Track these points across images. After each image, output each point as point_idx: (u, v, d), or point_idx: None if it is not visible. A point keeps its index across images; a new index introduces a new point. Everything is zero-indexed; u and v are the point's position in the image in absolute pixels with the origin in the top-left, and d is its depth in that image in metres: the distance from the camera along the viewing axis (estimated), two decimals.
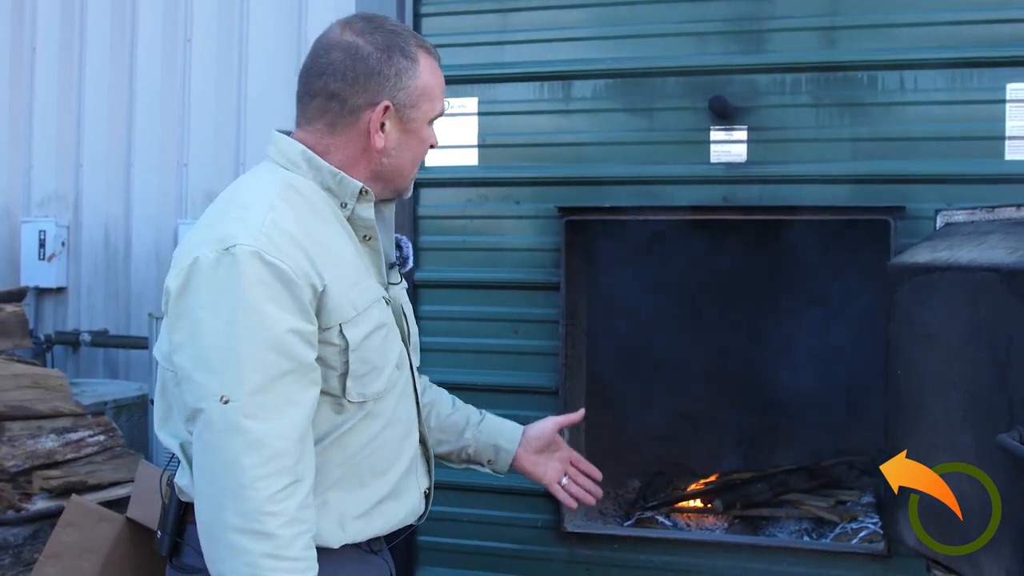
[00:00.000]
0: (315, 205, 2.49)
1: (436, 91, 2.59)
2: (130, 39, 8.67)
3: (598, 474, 3.14)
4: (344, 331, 2.40)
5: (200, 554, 2.39)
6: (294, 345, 2.30)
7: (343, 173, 2.51)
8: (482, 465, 3.07)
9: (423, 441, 2.76)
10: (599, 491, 3.15)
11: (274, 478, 2.25)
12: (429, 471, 2.80)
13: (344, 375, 2.43)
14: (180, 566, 2.56)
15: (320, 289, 2.35)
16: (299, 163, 2.53)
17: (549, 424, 3.10)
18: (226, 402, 2.24)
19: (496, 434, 3.04)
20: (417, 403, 2.72)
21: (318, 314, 2.36)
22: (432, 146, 2.64)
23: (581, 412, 3.23)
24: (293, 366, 2.30)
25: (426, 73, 2.56)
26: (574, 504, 3.12)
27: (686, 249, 4.37)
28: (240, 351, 2.25)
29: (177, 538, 2.58)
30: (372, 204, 2.55)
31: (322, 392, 2.41)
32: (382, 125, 2.53)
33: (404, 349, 2.66)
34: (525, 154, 4.10)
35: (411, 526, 2.74)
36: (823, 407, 4.78)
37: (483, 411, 3.09)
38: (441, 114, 2.62)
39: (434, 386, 3.09)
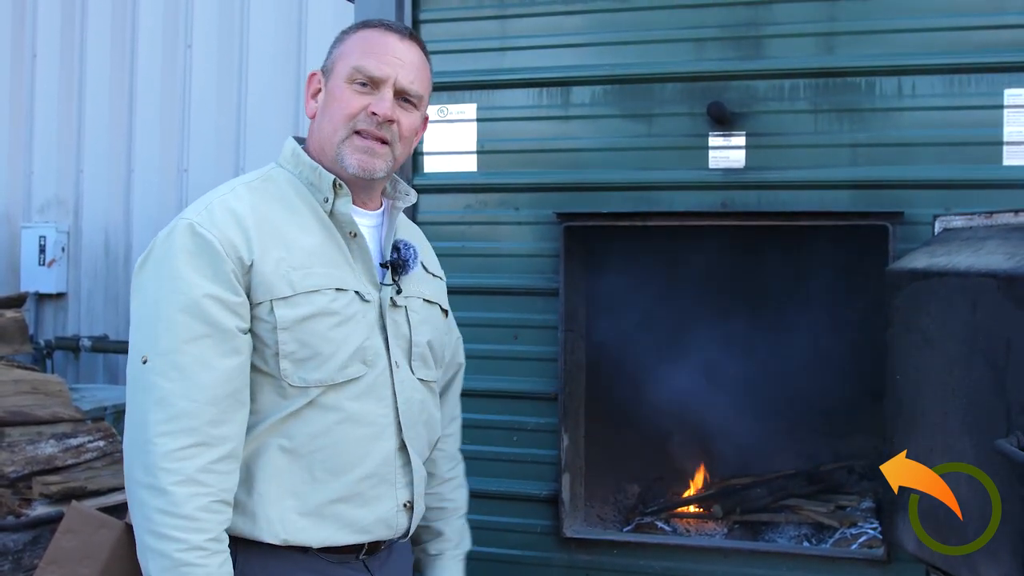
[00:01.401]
0: (285, 195, 2.60)
1: (355, 50, 2.62)
2: (130, 44, 8.70)
3: None
4: (275, 308, 2.46)
5: None
6: (210, 309, 2.40)
7: (320, 167, 2.60)
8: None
9: (405, 450, 2.68)
10: None
11: (174, 436, 2.35)
12: (411, 483, 2.70)
13: (277, 355, 2.48)
14: None
15: (248, 263, 2.44)
16: (288, 159, 2.69)
17: None
18: (144, 361, 2.40)
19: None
20: (397, 408, 2.66)
21: (248, 289, 2.45)
22: (375, 113, 2.58)
23: None
24: (208, 331, 2.40)
25: (352, 40, 2.65)
26: None
27: (684, 255, 4.37)
28: (159, 314, 2.41)
29: None
30: (349, 199, 2.61)
31: (261, 372, 2.49)
32: (318, 94, 2.67)
33: (381, 348, 2.63)
34: (524, 160, 4.10)
35: (391, 541, 2.71)
36: (822, 412, 4.78)
37: (444, 550, 3.07)
38: (358, 70, 2.59)
39: (452, 480, 3.11)
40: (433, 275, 2.92)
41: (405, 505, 2.69)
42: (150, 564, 2.38)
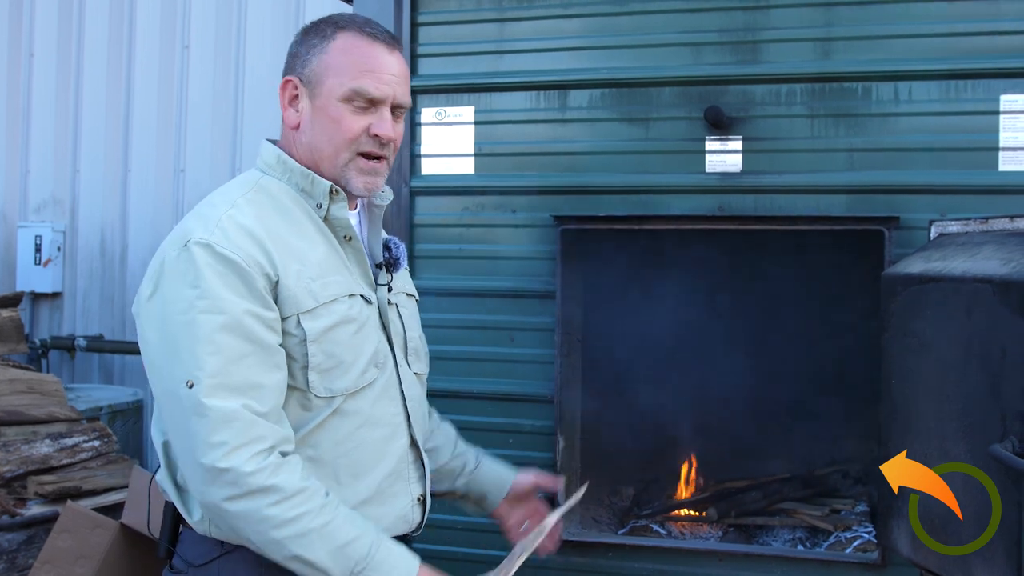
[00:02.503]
0: (282, 205, 2.57)
1: (345, 67, 2.57)
2: (127, 45, 8.68)
3: (553, 544, 3.23)
4: (302, 322, 2.45)
5: (190, 554, 2.54)
6: (252, 327, 2.37)
7: (313, 174, 2.58)
8: (467, 506, 3.18)
9: (415, 445, 2.73)
10: (550, 549, 3.23)
11: (248, 447, 2.32)
12: (423, 477, 2.76)
13: (306, 368, 2.46)
14: (172, 567, 2.61)
15: (275, 279, 2.42)
16: (274, 166, 2.64)
17: (530, 480, 3.18)
18: (191, 386, 2.32)
19: (487, 484, 3.13)
20: (405, 405, 2.69)
21: (276, 303, 2.43)
22: (377, 135, 2.58)
23: (562, 481, 3.29)
24: (252, 348, 2.37)
25: (336, 50, 2.58)
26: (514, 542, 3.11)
27: (681, 258, 4.38)
28: (199, 336, 2.33)
29: (171, 542, 2.63)
30: (345, 204, 2.61)
31: (289, 386, 2.47)
32: (295, 101, 2.63)
33: (387, 349, 2.66)
34: (521, 163, 4.11)
35: (405, 536, 2.74)
36: (817, 416, 4.79)
37: (479, 457, 3.15)
38: (357, 93, 2.56)
39: (444, 426, 3.14)
40: (406, 268, 2.92)
41: (419, 499, 2.74)
42: (296, 550, 2.35)
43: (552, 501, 3.39)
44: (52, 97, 8.95)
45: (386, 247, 2.74)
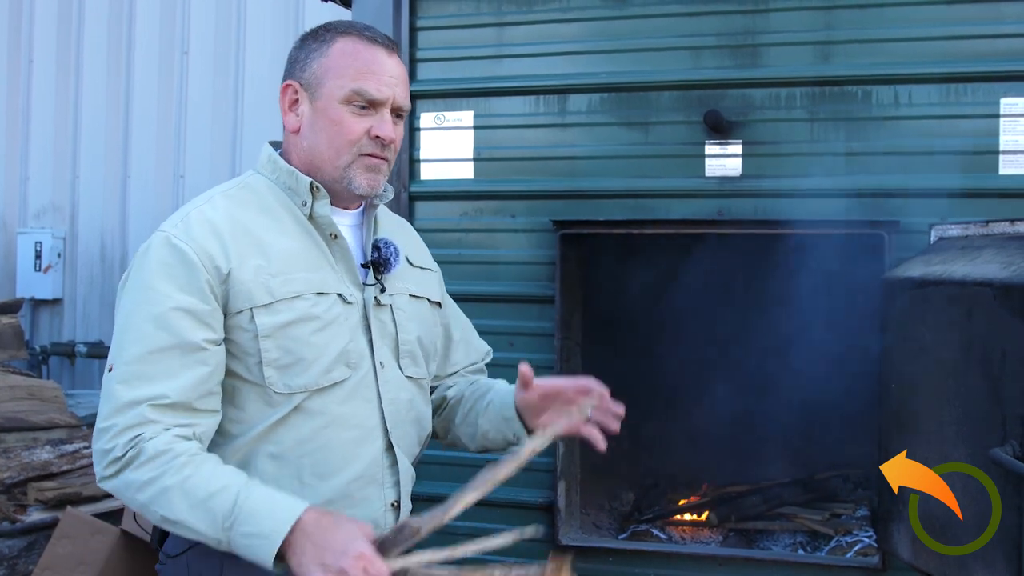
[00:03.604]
0: (264, 202, 2.59)
1: (345, 69, 2.58)
2: (127, 51, 8.69)
3: (616, 412, 2.91)
4: (255, 317, 2.45)
5: (168, 546, 2.58)
6: (179, 322, 2.39)
7: (297, 171, 2.60)
8: (511, 444, 2.85)
9: (392, 450, 2.67)
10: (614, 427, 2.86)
11: (132, 430, 2.34)
12: (399, 483, 2.70)
13: (260, 363, 2.47)
14: (163, 553, 2.63)
15: (225, 272, 2.44)
16: (265, 164, 2.68)
17: (568, 390, 2.83)
18: (110, 370, 2.39)
19: (499, 408, 2.87)
20: (382, 408, 2.64)
21: (226, 298, 2.45)
22: (378, 136, 2.57)
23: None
24: (175, 342, 2.39)
25: (336, 52, 2.60)
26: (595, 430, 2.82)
27: (680, 263, 4.38)
28: (129, 324, 2.41)
29: (163, 530, 2.64)
30: (327, 201, 2.60)
31: (246, 381, 2.48)
32: (295, 105, 2.64)
33: (364, 349, 2.62)
34: (520, 167, 4.10)
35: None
36: (818, 420, 4.78)
37: (497, 387, 2.93)
38: (358, 94, 2.56)
39: (477, 381, 3.01)
40: (420, 268, 2.90)
41: (392, 505, 2.68)
42: (159, 510, 2.33)
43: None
44: (51, 103, 8.96)
45: (375, 247, 2.71)
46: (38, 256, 8.77)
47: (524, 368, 2.74)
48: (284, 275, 2.50)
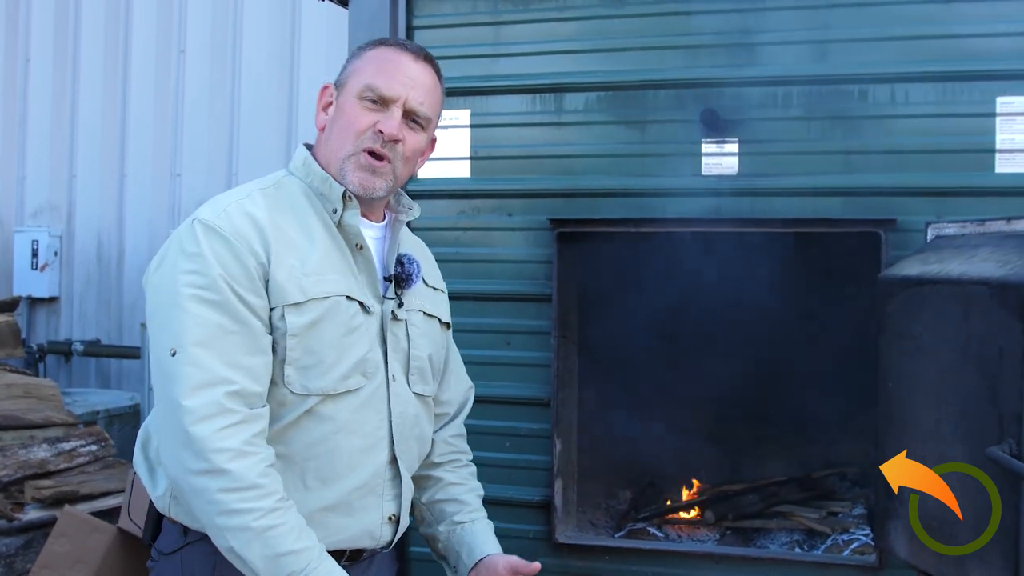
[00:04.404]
0: (297, 204, 2.61)
1: (367, 68, 2.63)
2: (123, 49, 8.69)
3: None
4: (286, 315, 2.47)
5: (162, 543, 2.61)
6: (239, 308, 2.42)
7: (332, 178, 2.61)
8: (447, 565, 2.96)
9: (395, 463, 2.68)
10: None
11: (216, 419, 2.35)
12: (399, 496, 2.70)
13: (283, 361, 2.48)
14: (156, 550, 2.66)
15: (267, 266, 2.46)
16: (299, 167, 2.69)
17: (501, 565, 2.84)
18: (173, 354, 2.38)
19: (464, 545, 2.91)
20: (391, 421, 2.65)
21: (265, 290, 2.46)
22: (382, 132, 2.58)
23: (536, 566, 2.87)
24: (238, 328, 2.42)
25: (367, 57, 2.67)
26: None
27: (677, 261, 4.38)
28: (182, 305, 2.41)
29: (156, 532, 2.67)
30: (357, 211, 2.62)
31: None
32: (329, 106, 2.68)
33: (380, 360, 2.63)
34: (517, 166, 4.10)
35: (372, 551, 2.71)
36: (814, 419, 4.79)
37: (476, 518, 2.95)
38: (369, 88, 2.59)
39: (468, 473, 3.04)
40: (434, 288, 2.91)
41: (390, 518, 2.69)
42: (232, 542, 2.36)
43: None
44: (48, 102, 8.96)
45: (399, 262, 2.73)
46: (35, 254, 8.77)
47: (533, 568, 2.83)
48: (316, 275, 2.52)
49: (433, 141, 2.82)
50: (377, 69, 2.62)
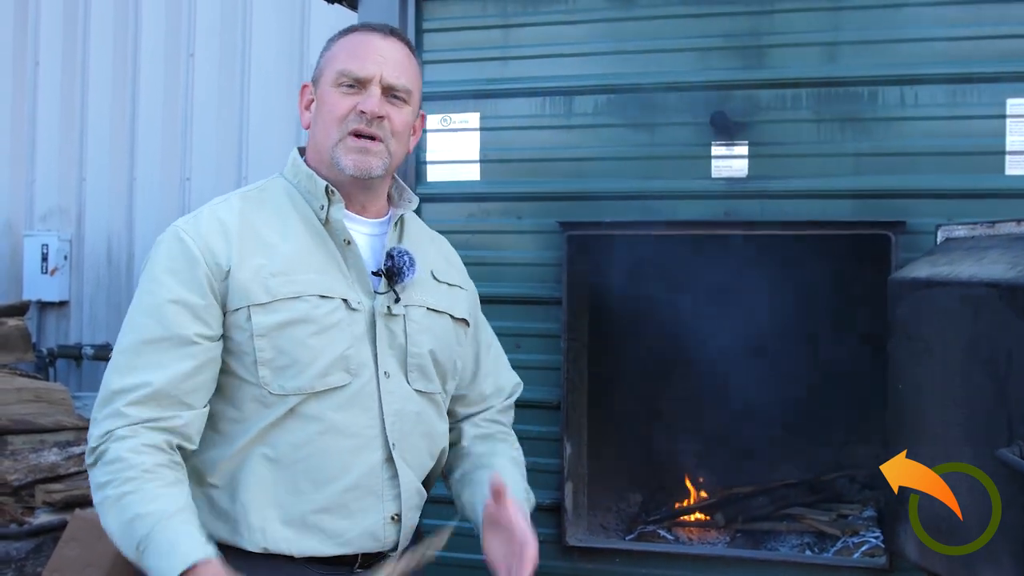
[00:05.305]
0: (278, 204, 2.64)
1: (339, 55, 2.66)
2: (133, 53, 8.71)
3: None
4: (252, 316, 2.49)
5: None
6: (173, 315, 2.45)
7: (315, 175, 2.64)
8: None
9: (392, 462, 2.63)
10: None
11: (113, 419, 2.40)
12: (400, 495, 2.65)
13: (256, 362, 2.50)
14: None
15: (225, 269, 2.49)
16: (289, 169, 2.73)
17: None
18: (109, 358, 2.49)
19: (473, 496, 2.79)
20: (383, 419, 2.61)
21: (224, 294, 2.49)
22: (364, 112, 2.59)
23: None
24: (167, 335, 2.45)
25: (337, 46, 2.69)
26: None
27: (687, 264, 4.38)
28: (130, 315, 2.52)
29: None
30: (341, 206, 2.63)
31: (244, 380, 2.52)
32: (311, 104, 2.71)
33: (367, 358, 2.60)
34: (527, 169, 4.10)
35: (381, 554, 2.65)
36: (824, 421, 4.79)
37: (492, 472, 2.75)
38: (343, 73, 2.61)
39: (491, 436, 3.00)
40: (448, 284, 2.87)
41: (393, 518, 2.64)
42: (102, 519, 2.42)
43: None
44: (58, 106, 8.98)
45: (388, 256, 2.69)
46: (45, 259, 8.79)
47: (496, 479, 2.60)
48: (285, 275, 2.52)
49: (422, 116, 2.84)
50: (348, 54, 2.64)
